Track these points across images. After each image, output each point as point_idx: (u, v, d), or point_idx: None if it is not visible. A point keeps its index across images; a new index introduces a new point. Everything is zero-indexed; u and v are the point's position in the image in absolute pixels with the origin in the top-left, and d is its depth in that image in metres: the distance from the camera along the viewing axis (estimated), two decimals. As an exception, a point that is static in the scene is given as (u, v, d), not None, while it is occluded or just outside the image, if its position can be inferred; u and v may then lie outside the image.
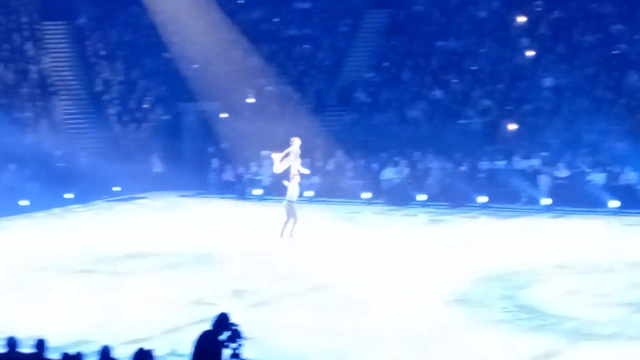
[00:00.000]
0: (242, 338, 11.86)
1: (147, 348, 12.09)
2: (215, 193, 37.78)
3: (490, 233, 29.32)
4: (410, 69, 40.73)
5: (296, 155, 28.62)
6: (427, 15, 43.06)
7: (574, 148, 34.94)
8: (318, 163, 36.88)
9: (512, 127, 36.80)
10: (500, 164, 35.21)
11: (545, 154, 35.04)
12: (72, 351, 12.71)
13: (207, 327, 11.87)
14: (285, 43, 43.45)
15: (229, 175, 37.92)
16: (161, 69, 43.16)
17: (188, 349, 11.87)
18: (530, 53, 39.68)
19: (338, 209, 34.14)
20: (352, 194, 35.75)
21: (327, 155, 37.32)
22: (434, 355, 17.19)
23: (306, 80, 41.15)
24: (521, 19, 41.08)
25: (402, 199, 34.55)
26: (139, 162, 38.17)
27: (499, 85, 38.77)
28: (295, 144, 28.58)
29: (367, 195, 35.10)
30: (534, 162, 34.80)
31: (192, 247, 27.41)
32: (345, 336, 18.25)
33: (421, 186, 34.89)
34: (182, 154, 40.30)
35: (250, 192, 36.99)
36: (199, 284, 22.80)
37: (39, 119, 39.86)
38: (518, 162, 35.10)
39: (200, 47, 43.46)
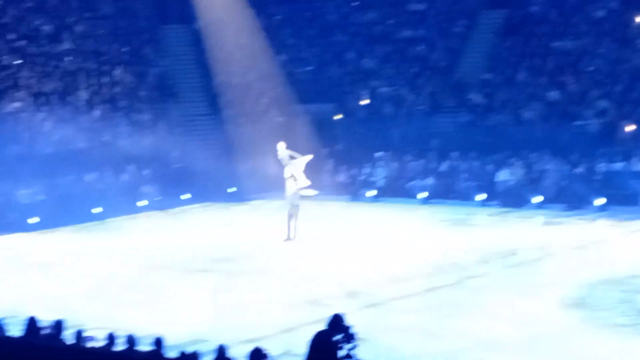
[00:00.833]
0: (356, 339, 11.88)
1: (262, 348, 12.20)
2: (329, 194, 37.88)
3: (609, 236, 28.79)
4: (526, 70, 40.26)
5: (286, 159, 28.75)
6: (543, 15, 42.52)
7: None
8: (432, 164, 36.73)
9: (630, 128, 36.05)
10: (618, 165, 34.54)
11: (665, 155, 34.29)
12: (188, 350, 12.89)
13: (321, 327, 11.91)
14: (400, 44, 43.37)
15: (342, 177, 38.00)
16: (276, 70, 43.51)
17: (302, 350, 11.92)
18: (649, 53, 38.86)
19: (452, 210, 33.95)
20: (466, 196, 35.52)
21: (441, 156, 37.13)
22: (550, 359, 16.97)
23: (420, 81, 41.01)
24: (640, 19, 40.29)
25: (517, 201, 34.17)
26: (254, 163, 38.50)
27: (617, 86, 38.04)
28: (280, 149, 28.73)
29: (482, 196, 34.82)
30: (653, 164, 34.09)
31: (308, 246, 27.56)
32: (459, 339, 18.15)
33: (537, 188, 34.45)
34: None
35: (364, 193, 37.01)
36: (313, 284, 22.92)
37: (157, 120, 40.56)
38: (636, 164, 34.38)
39: (314, 49, 43.71)
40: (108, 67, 43.25)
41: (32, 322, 15.21)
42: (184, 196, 36.56)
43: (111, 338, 14.42)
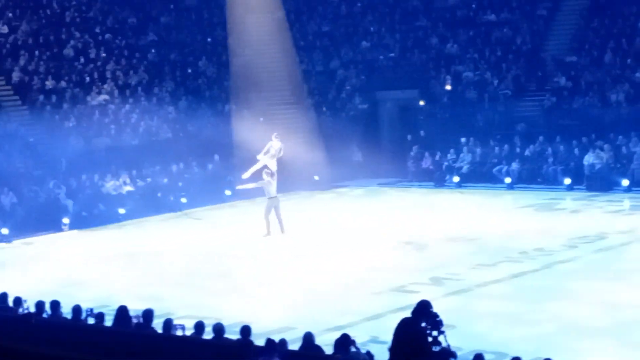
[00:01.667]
0: (442, 326, 11.86)
1: (349, 335, 12.26)
2: (413, 181, 37.81)
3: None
4: (612, 51, 39.61)
5: (274, 154, 28.49)
6: (629, -6, 41.76)
7: None
8: (517, 149, 36.40)
9: None
10: None
11: None
12: (276, 338, 12.99)
13: (407, 314, 11.92)
14: (483, 28, 42.99)
15: (427, 163, 37.86)
16: (359, 58, 43.48)
17: (388, 337, 11.94)
18: None
19: (538, 195, 33.62)
20: (552, 180, 35.14)
21: (526, 140, 36.74)
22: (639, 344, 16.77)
23: (505, 65, 40.60)
24: None
25: (604, 185, 33.70)
26: (338, 151, 38.55)
27: None
28: (275, 142, 28.50)
29: (568, 181, 34.41)
30: None
31: (391, 234, 27.54)
32: (547, 324, 18.00)
33: (624, 171, 33.94)
34: (380, 143, 40.50)
35: (449, 179, 36.84)
36: (399, 271, 22.91)
37: (240, 110, 40.81)
38: None
39: (397, 35, 43.56)
40: (192, 58, 43.66)
41: (122, 312, 15.47)
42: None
43: (199, 327, 14.60)
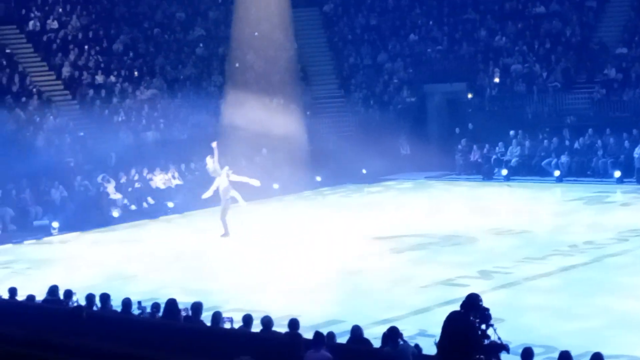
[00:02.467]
0: (491, 319, 11.80)
1: (397, 328, 12.24)
2: (461, 174, 37.65)
3: None
4: (664, 43, 39.18)
5: (214, 169, 28.96)
6: (682, -15, 41.24)
7: None
8: (567, 142, 36.11)
9: None
10: None
11: None
12: (324, 331, 13.01)
13: (455, 308, 11.88)
14: (532, 20, 42.64)
15: (475, 156, 37.67)
16: (406, 51, 43.35)
17: (437, 330, 11.92)
18: None
19: (587, 188, 33.32)
20: (602, 173, 34.81)
21: (576, 133, 36.45)
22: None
23: (554, 57, 40.27)
24: None
25: (655, 178, 33.36)
26: (386, 144, 38.46)
27: None
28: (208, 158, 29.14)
29: (618, 173, 34.06)
30: None
31: (438, 228, 27.47)
32: (596, 318, 17.87)
33: (677, 164, 33.54)
34: (428, 136, 40.37)
35: (497, 172, 36.63)
36: (446, 264, 22.85)
37: (288, 104, 40.88)
38: None
39: (445, 28, 43.37)
40: (240, 52, 43.75)
41: (171, 305, 15.57)
42: (315, 179, 36.79)
43: (247, 320, 14.65)
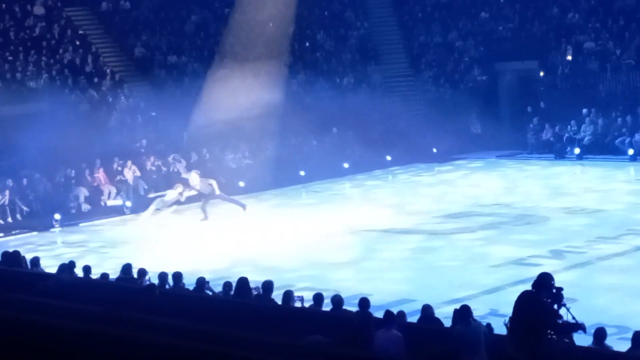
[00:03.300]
0: (563, 299, 11.70)
1: (468, 306, 12.20)
2: (533, 153, 37.30)
3: None
4: None
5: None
6: None
7: None
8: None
9: None
10: None
11: None
12: (394, 310, 13.01)
13: (527, 288, 11.80)
14: (605, -3, 42.07)
15: (547, 135, 37.30)
16: (477, 29, 42.99)
17: (508, 310, 11.86)
18: None
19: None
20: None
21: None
22: None
23: (628, 34, 39.64)
24: None
25: None
26: (456, 123, 38.26)
27: None
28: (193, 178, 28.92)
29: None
30: None
31: (510, 207, 27.30)
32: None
33: None
34: (499, 114, 40.05)
35: (569, 151, 36.23)
36: (518, 244, 22.70)
37: (358, 83, 40.84)
38: None
39: (516, 6, 42.94)
40: (310, 31, 43.80)
41: (242, 283, 15.68)
42: (386, 158, 36.74)
43: (318, 298, 14.71)
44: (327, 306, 14.58)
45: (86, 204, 30.35)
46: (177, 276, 16.85)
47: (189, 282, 16.98)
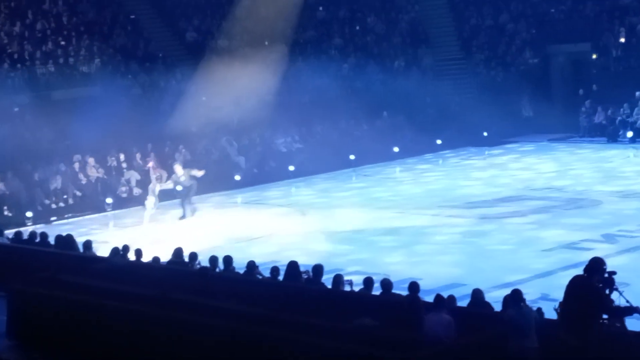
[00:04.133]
0: (615, 283, 11.64)
1: (520, 291, 12.15)
2: (585, 136, 36.99)
3: None
4: None
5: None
6: None
7: None
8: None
9: None
10: None
11: None
12: (444, 294, 12.99)
13: (579, 272, 11.74)
14: (660, -23, 41.52)
15: (600, 118, 36.96)
16: (529, 11, 42.62)
17: (559, 295, 11.80)
18: None
19: None
20: None
21: None
22: None
23: (682, 15, 39.20)
24: None
25: None
26: (507, 106, 38.03)
27: None
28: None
29: None
30: None
31: (562, 190, 27.13)
32: None
33: None
34: (551, 97, 39.75)
35: (622, 134, 35.87)
36: (570, 228, 22.53)
37: (409, 66, 40.71)
38: None
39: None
40: (360, 15, 43.70)
41: (292, 267, 15.75)
42: (436, 141, 36.64)
43: (368, 282, 14.72)
44: (376, 290, 14.58)
45: (137, 187, 30.56)
46: (228, 260, 16.95)
47: (238, 266, 17.06)
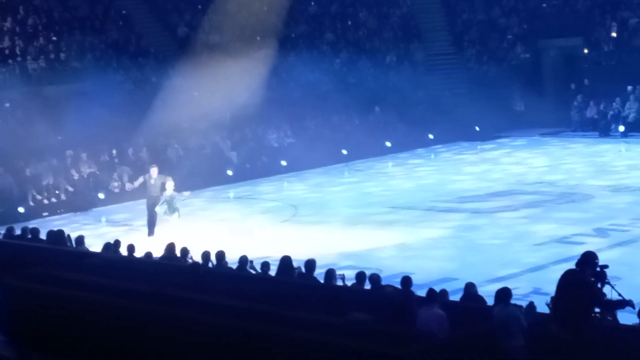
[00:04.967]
0: (607, 277, 11.65)
1: (508, 288, 12.15)
2: (577, 130, 37.06)
3: None
4: None
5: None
6: None
7: None
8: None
9: None
10: None
11: None
12: (437, 288, 13.01)
13: (571, 266, 11.76)
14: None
15: (591, 112, 37.02)
16: (521, 6, 42.65)
17: (551, 288, 11.81)
18: None
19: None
20: None
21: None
22: None
23: (674, 10, 39.23)
24: None
25: None
26: (499, 101, 38.07)
27: None
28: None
29: None
30: None
31: (554, 185, 27.17)
32: None
33: None
34: (543, 92, 39.81)
35: (614, 128, 35.93)
36: (561, 222, 22.57)
37: (401, 61, 40.72)
38: None
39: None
40: (352, 9, 43.67)
41: (285, 262, 15.73)
42: (428, 136, 36.67)
43: (360, 277, 14.73)
44: (369, 285, 14.59)
45: (130, 183, 30.52)
46: (220, 255, 16.93)
47: (232, 262, 17.05)
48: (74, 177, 30.15)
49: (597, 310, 11.64)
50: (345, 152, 34.34)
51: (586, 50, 39.80)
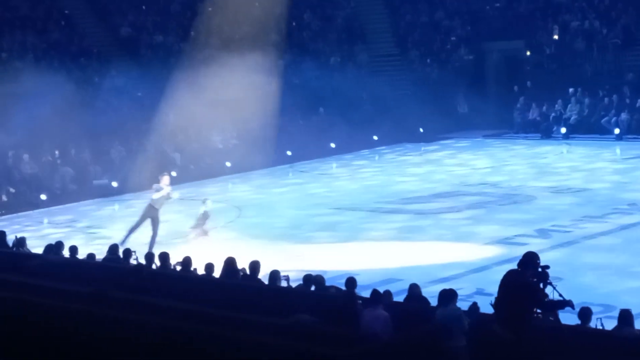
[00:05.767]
0: (549, 277, 11.74)
1: (452, 289, 12.19)
2: (520, 132, 37.37)
3: None
4: None
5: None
6: None
7: None
8: (627, 99, 35.63)
9: None
10: None
11: None
12: (381, 289, 13.03)
13: (513, 267, 11.84)
14: (592, -24, 42.04)
15: (534, 114, 37.35)
16: (464, 8, 42.93)
17: (494, 289, 11.89)
18: None
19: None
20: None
21: (636, 91, 35.94)
22: None
23: (614, 13, 39.67)
24: None
25: None
26: (443, 103, 38.29)
27: None
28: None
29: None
30: None
31: (496, 186, 27.36)
32: (657, 278, 17.71)
33: None
34: (486, 94, 40.06)
35: (556, 130, 36.28)
36: (504, 223, 22.74)
37: (345, 63, 40.77)
38: None
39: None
40: (296, 11, 43.64)
41: (230, 264, 15.68)
42: (372, 137, 36.74)
43: (306, 279, 14.71)
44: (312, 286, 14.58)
45: (72, 184, 30.25)
46: (164, 256, 16.84)
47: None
48: (15, 178, 29.81)
49: (539, 310, 11.72)
50: (289, 153, 34.32)
51: (528, 53, 40.17)
